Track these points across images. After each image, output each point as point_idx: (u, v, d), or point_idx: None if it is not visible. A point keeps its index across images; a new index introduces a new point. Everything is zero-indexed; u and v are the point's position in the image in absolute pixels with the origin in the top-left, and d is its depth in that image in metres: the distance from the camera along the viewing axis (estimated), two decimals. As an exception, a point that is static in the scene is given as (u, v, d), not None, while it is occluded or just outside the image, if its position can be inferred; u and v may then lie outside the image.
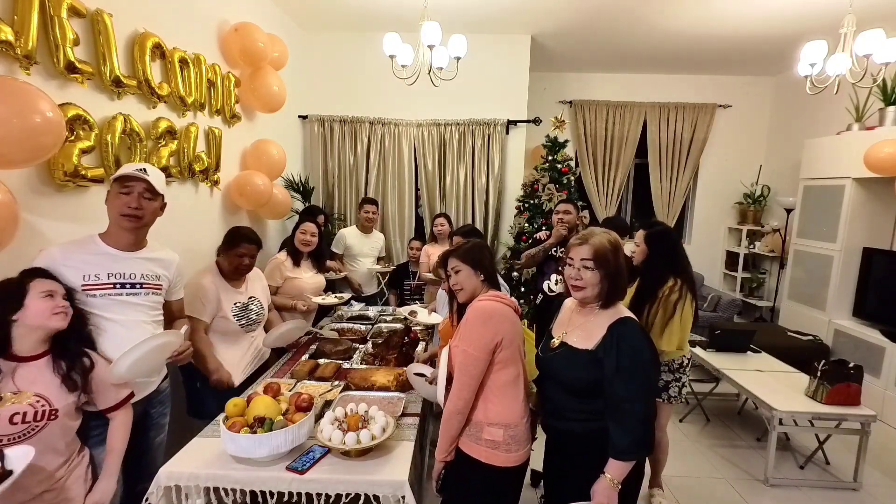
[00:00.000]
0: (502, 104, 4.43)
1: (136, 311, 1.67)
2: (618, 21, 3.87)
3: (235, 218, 3.14)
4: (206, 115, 2.77)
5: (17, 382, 1.36)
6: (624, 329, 1.39)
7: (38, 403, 1.36)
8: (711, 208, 5.62)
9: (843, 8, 2.84)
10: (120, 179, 1.61)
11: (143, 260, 1.71)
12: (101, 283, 1.59)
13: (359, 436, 1.50)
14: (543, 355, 1.57)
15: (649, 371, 1.40)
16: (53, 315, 1.39)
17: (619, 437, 1.35)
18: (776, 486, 2.67)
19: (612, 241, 1.47)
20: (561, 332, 1.54)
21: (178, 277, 1.88)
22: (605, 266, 1.43)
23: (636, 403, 1.34)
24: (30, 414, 1.34)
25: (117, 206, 1.61)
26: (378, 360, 2.37)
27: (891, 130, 3.55)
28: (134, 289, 1.66)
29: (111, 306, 1.61)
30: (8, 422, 1.31)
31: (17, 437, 1.33)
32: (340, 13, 3.92)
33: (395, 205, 4.57)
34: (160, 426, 1.85)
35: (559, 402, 1.52)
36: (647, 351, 1.39)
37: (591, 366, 1.41)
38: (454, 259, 1.64)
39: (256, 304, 2.30)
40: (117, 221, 1.63)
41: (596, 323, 1.45)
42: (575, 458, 1.50)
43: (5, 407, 1.31)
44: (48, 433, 1.38)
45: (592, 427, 1.42)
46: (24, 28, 1.63)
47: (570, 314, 1.57)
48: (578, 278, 1.46)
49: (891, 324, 3.51)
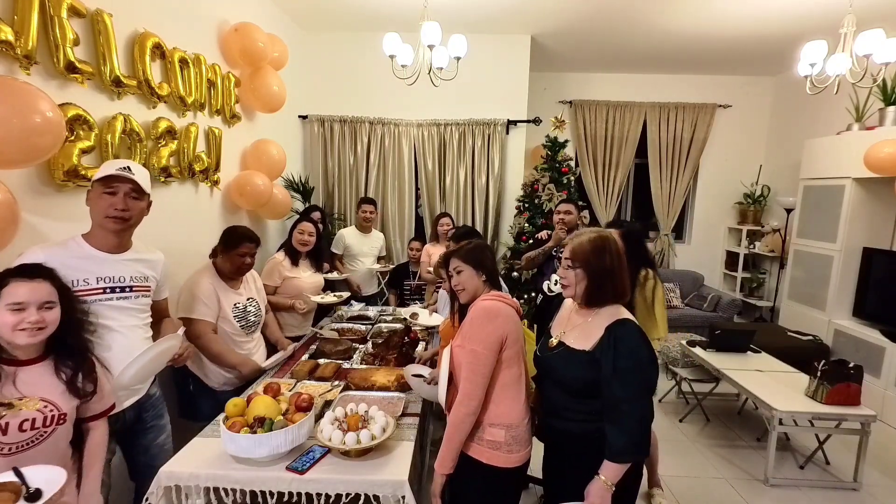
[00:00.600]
0: (502, 104, 4.43)
1: (127, 315, 1.63)
2: (618, 21, 3.87)
3: (235, 218, 3.14)
4: (206, 115, 2.77)
5: (20, 387, 1.28)
6: (622, 330, 1.38)
7: (46, 409, 1.30)
8: (711, 208, 5.62)
9: (843, 8, 2.84)
10: (104, 180, 1.53)
11: (130, 261, 1.66)
12: (91, 289, 1.53)
13: (359, 436, 1.50)
14: (541, 354, 1.57)
15: (647, 372, 1.38)
16: (17, 331, 1.24)
17: (615, 439, 1.34)
18: (776, 486, 2.67)
19: (595, 240, 1.45)
20: (559, 332, 1.54)
21: (165, 277, 1.83)
22: (586, 265, 1.43)
23: (633, 405, 1.34)
24: (39, 420, 1.29)
25: (102, 207, 1.54)
26: (378, 360, 2.37)
27: (891, 130, 3.55)
28: (124, 292, 1.61)
29: (103, 311, 1.55)
30: (17, 429, 1.26)
31: (25, 444, 1.28)
32: (340, 13, 3.92)
33: (395, 205, 4.57)
34: (157, 427, 1.81)
35: (557, 402, 1.51)
36: (644, 352, 1.38)
37: (588, 366, 1.40)
38: (456, 259, 1.64)
39: (254, 306, 2.29)
40: (102, 223, 1.56)
41: (594, 324, 1.44)
42: (573, 459, 1.49)
43: (15, 413, 1.25)
44: (54, 440, 1.34)
45: (590, 428, 1.42)
46: (24, 28, 1.63)
47: (570, 314, 1.57)
48: (563, 277, 1.49)
49: (891, 324, 3.51)
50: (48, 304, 1.30)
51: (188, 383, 2.11)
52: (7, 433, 1.24)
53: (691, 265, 5.54)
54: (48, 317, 1.29)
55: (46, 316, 1.29)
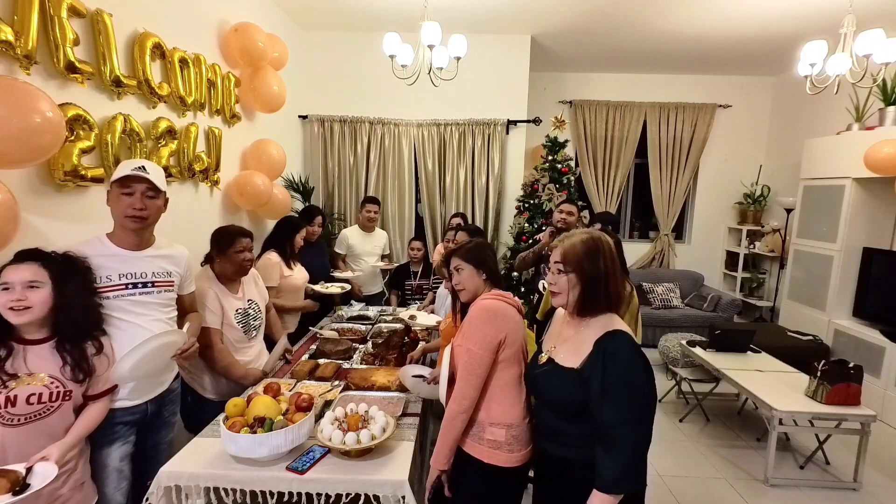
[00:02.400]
0: (502, 104, 4.43)
1: (150, 310, 1.68)
2: (618, 21, 3.87)
3: (235, 218, 3.14)
4: (206, 115, 2.77)
5: (29, 365, 1.38)
6: (612, 344, 1.23)
7: (53, 385, 1.40)
8: (711, 208, 5.62)
9: (843, 8, 2.84)
10: (121, 181, 1.59)
11: (153, 258, 1.72)
12: (114, 285, 1.60)
13: (359, 436, 1.50)
14: (531, 371, 1.47)
15: (642, 392, 1.21)
16: (7, 310, 1.34)
17: (606, 468, 1.19)
18: (776, 486, 2.67)
19: (588, 241, 1.32)
20: (550, 346, 1.42)
21: (189, 271, 1.88)
22: (579, 270, 1.29)
23: (626, 429, 1.18)
24: (45, 395, 1.38)
25: (121, 208, 1.60)
26: (378, 360, 2.37)
27: (891, 130, 3.55)
28: (146, 287, 1.67)
29: (125, 307, 1.62)
30: (25, 402, 1.35)
31: (32, 416, 1.37)
32: (340, 13, 3.92)
33: (396, 205, 4.57)
34: (171, 424, 1.87)
35: (550, 424, 1.38)
36: (639, 368, 1.21)
37: (576, 386, 1.26)
38: (457, 258, 1.65)
39: (254, 308, 2.27)
40: (122, 223, 1.63)
41: (584, 337, 1.30)
42: (570, 489, 1.31)
43: (22, 387, 1.35)
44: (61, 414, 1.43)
45: (590, 455, 1.24)
46: (24, 28, 1.63)
47: (561, 326, 1.45)
48: (553, 283, 1.35)
49: (891, 324, 3.51)
50: (32, 283, 1.36)
51: (186, 395, 2.08)
52: (16, 405, 1.34)
53: (691, 265, 5.54)
54: (32, 296, 1.36)
55: (30, 295, 1.35)
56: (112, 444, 1.61)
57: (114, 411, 1.60)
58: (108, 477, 1.60)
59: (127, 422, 1.65)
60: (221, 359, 2.05)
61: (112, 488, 1.61)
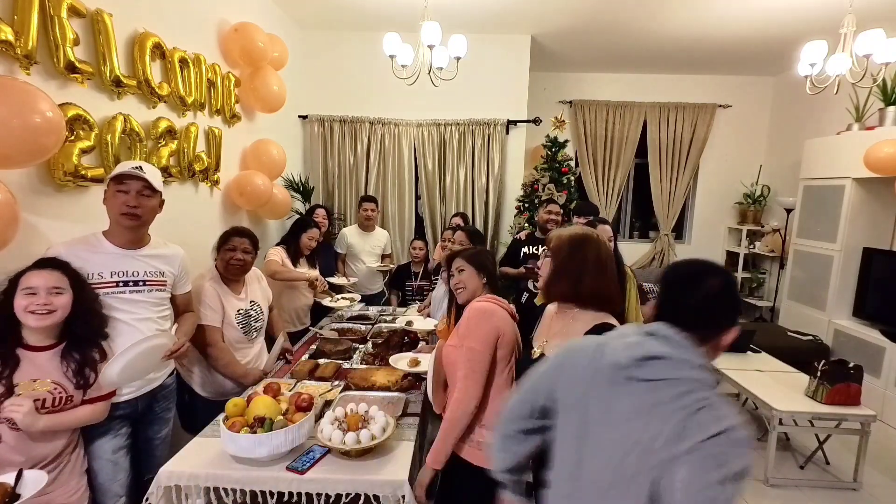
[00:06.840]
0: (502, 104, 4.43)
1: (141, 308, 1.69)
2: (618, 21, 3.87)
3: (235, 218, 3.14)
4: (206, 115, 2.77)
5: (36, 371, 1.42)
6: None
7: (56, 390, 1.43)
8: (711, 208, 5.62)
9: (843, 8, 2.84)
10: (116, 178, 1.61)
11: (146, 257, 1.73)
12: (105, 282, 1.62)
13: (359, 436, 1.50)
14: (524, 366, 1.42)
15: None
16: (27, 313, 1.38)
17: None
18: (776, 486, 2.67)
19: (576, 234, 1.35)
20: (542, 341, 1.42)
21: (184, 272, 1.88)
22: (555, 254, 1.34)
23: None
24: (49, 400, 1.42)
25: (116, 205, 1.62)
26: (378, 360, 2.36)
27: (891, 130, 3.55)
28: (137, 286, 1.69)
29: (116, 304, 1.64)
30: None
31: None
32: (340, 13, 3.92)
33: (395, 205, 4.57)
34: (164, 420, 1.88)
35: None
36: None
37: None
38: (460, 259, 1.71)
39: (257, 309, 2.26)
40: (117, 220, 1.65)
41: (573, 329, 1.29)
42: None
43: (27, 393, 1.38)
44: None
45: None
46: (24, 28, 1.63)
47: (550, 320, 1.44)
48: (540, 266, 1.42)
49: (891, 324, 3.50)
50: (56, 289, 1.42)
51: (183, 393, 2.08)
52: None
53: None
54: (56, 301, 1.42)
55: (55, 300, 1.42)
56: (104, 436, 1.64)
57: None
58: (102, 468, 1.63)
59: (118, 416, 1.67)
60: (222, 357, 2.06)
61: (107, 479, 1.63)
